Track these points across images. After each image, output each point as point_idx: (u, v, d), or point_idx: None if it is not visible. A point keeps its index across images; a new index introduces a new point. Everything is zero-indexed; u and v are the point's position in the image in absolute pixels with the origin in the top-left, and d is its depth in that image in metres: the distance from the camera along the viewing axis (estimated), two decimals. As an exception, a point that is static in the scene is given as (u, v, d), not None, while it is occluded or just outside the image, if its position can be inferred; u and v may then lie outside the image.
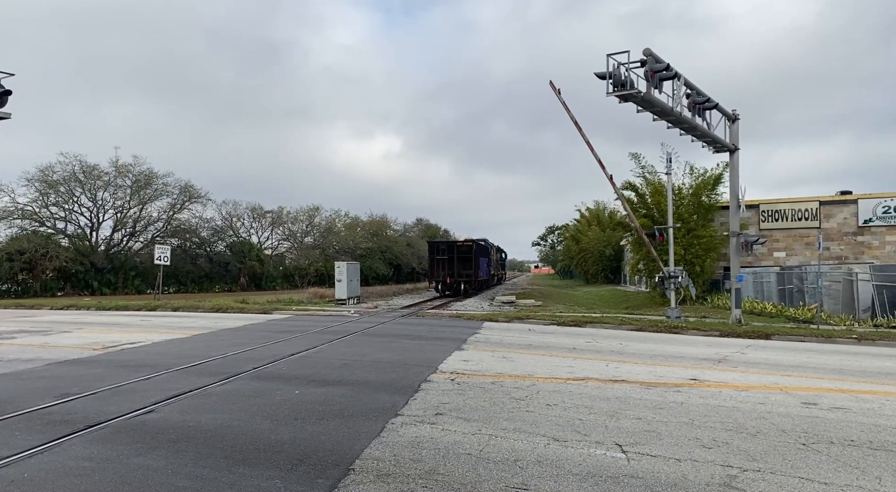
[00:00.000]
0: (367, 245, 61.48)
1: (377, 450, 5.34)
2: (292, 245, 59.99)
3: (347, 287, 29.14)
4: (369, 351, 11.80)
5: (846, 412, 7.00)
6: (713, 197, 27.54)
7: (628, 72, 14.31)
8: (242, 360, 10.57)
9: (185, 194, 46.12)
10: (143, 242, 45.15)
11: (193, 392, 7.78)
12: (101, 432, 5.90)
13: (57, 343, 13.14)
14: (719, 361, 11.01)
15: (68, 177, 40.72)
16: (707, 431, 6.10)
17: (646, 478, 4.71)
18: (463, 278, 36.19)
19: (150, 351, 11.88)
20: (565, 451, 5.39)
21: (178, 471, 4.78)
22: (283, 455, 5.17)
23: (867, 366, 10.74)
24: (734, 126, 18.46)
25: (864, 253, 26.88)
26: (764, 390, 8.25)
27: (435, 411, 6.82)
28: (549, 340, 14.26)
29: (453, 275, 35.73)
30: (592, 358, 11.22)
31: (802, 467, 5.02)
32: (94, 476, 4.67)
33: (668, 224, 20.00)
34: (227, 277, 48.97)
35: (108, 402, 7.20)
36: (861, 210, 27.23)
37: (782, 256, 28.27)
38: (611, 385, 8.51)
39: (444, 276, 35.75)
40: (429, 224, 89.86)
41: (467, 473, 4.79)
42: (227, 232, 52.22)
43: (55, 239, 39.87)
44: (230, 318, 20.54)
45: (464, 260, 35.99)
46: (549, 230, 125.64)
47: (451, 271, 35.65)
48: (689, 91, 16.42)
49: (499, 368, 9.90)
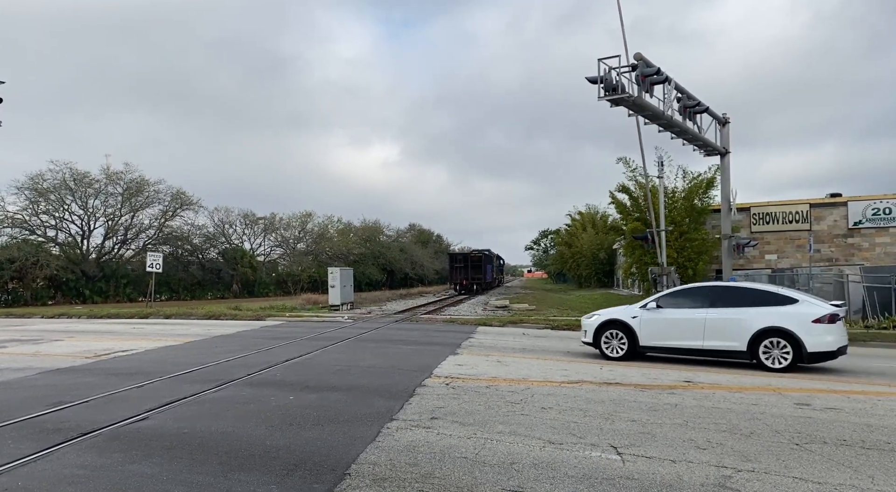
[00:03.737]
0: (360, 251, 61.37)
1: (373, 454, 5.33)
2: (285, 251, 59.79)
3: (341, 293, 29.09)
4: (364, 356, 11.78)
5: (839, 412, 7.05)
6: (705, 200, 27.69)
7: (619, 76, 14.43)
8: (236, 366, 10.53)
9: (176, 201, 45.88)
10: (135, 249, 44.87)
11: (188, 399, 7.74)
12: (94, 440, 5.86)
13: (49, 352, 13.04)
14: (712, 364, 11.06)
15: (59, 185, 40.43)
16: (701, 432, 6.13)
17: (641, 479, 4.73)
18: (475, 281, 49.33)
19: (143, 359, 11.81)
20: (561, 453, 5.40)
21: (174, 478, 4.76)
22: (278, 461, 5.16)
23: (859, 367, 10.81)
24: (725, 129, 18.62)
25: (855, 255, 27.09)
26: (757, 392, 8.30)
27: (430, 415, 6.82)
28: (544, 343, 14.29)
29: (468, 278, 48.88)
30: (586, 361, 11.25)
31: (796, 466, 5.06)
32: (88, 484, 4.64)
33: (661, 227, 20.12)
34: (220, 285, 48.73)
35: (101, 410, 7.15)
36: (851, 212, 27.46)
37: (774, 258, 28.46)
38: (605, 388, 8.54)
39: (461, 279, 48.91)
40: (421, 229, 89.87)
41: (463, 476, 4.79)
42: (219, 239, 51.95)
43: (46, 247, 39.59)
44: (223, 325, 20.45)
45: (475, 267, 49.27)
46: (543, 234, 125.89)
47: (466, 276, 48.84)
48: (679, 95, 16.56)
49: (493, 372, 9.91)
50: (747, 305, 10.63)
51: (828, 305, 10.25)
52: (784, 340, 10.06)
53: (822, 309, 10.12)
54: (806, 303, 10.34)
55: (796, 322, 10.04)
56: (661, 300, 11.53)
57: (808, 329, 9.94)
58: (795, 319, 10.07)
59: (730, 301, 10.85)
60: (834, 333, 9.98)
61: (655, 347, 11.32)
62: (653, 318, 11.30)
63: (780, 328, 10.10)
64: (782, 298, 10.50)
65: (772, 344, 10.17)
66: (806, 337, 9.90)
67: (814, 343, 9.88)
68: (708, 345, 10.72)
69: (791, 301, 10.39)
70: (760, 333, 10.21)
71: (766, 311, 10.36)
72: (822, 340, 9.91)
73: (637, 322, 11.40)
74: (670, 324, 11.14)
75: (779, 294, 10.66)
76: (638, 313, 11.48)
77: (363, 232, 66.66)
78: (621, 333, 11.51)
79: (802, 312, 10.14)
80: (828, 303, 10.46)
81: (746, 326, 10.34)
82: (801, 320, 10.04)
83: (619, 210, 30.90)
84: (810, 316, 10.04)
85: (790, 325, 10.04)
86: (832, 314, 10.02)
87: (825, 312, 10.02)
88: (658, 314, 11.29)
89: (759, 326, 10.23)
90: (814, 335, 9.89)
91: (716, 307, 10.82)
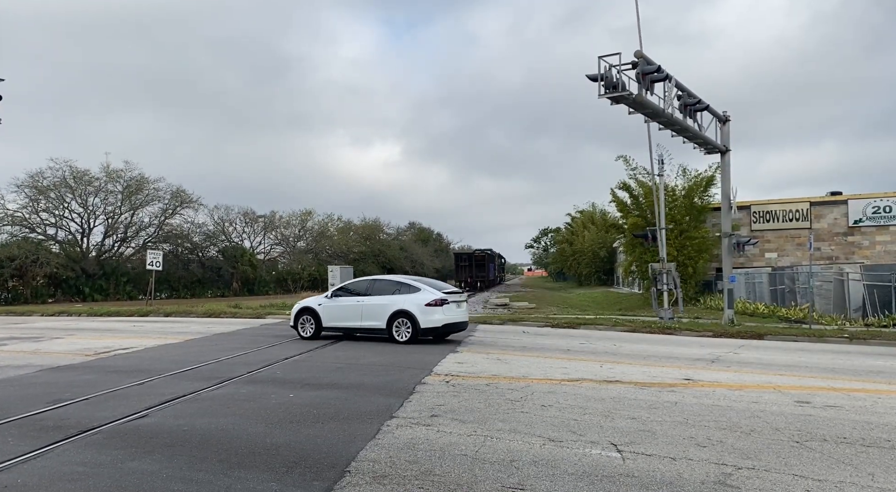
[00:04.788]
0: (360, 249, 61.38)
1: (373, 452, 5.33)
2: (285, 249, 59.77)
3: (341, 291, 29.06)
4: (363, 354, 11.78)
5: (839, 410, 7.05)
6: (705, 198, 27.71)
7: (620, 74, 14.39)
8: (236, 364, 10.53)
9: (176, 199, 45.83)
10: (135, 247, 44.83)
11: (187, 397, 7.74)
12: (94, 437, 5.85)
13: (48, 349, 13.04)
14: (713, 362, 11.07)
15: (59, 182, 40.41)
16: (701, 430, 6.13)
17: (641, 477, 4.72)
18: (479, 279, 54.00)
19: (143, 356, 11.81)
20: (561, 451, 5.40)
21: (174, 475, 4.76)
22: (278, 458, 5.16)
23: (859, 365, 10.82)
24: (725, 127, 18.59)
25: (855, 253, 27.10)
26: (757, 389, 8.30)
27: (430, 412, 6.81)
28: (544, 341, 14.29)
29: (472, 276, 53.23)
30: (587, 359, 11.25)
31: (796, 464, 5.05)
32: (88, 481, 4.64)
33: (661, 225, 20.10)
34: (220, 283, 48.70)
35: (101, 407, 7.15)
36: (851, 211, 27.46)
37: (774, 256, 28.46)
38: (605, 386, 8.53)
39: (466, 277, 52.79)
40: (421, 228, 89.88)
41: (463, 473, 4.79)
42: (219, 237, 51.90)
43: (46, 245, 39.54)
44: (223, 323, 20.44)
45: (479, 266, 53.88)
46: (543, 232, 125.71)
47: (471, 273, 53.18)
48: (679, 93, 16.52)
49: (493, 369, 9.91)
50: (389, 294, 13.85)
51: (440, 293, 13.48)
52: (407, 319, 13.32)
53: (433, 295, 13.38)
54: (426, 291, 13.55)
55: (415, 306, 13.32)
56: (336, 292, 14.63)
57: (422, 310, 13.24)
58: (415, 304, 13.35)
59: (378, 291, 14.06)
60: (441, 314, 13.26)
61: (333, 327, 14.30)
62: (330, 305, 14.30)
63: (404, 310, 13.38)
64: (411, 288, 13.80)
65: (400, 323, 13.39)
66: (420, 316, 13.20)
67: (425, 321, 13.19)
68: (364, 324, 13.91)
69: (416, 290, 13.67)
70: (394, 314, 13.44)
71: (398, 298, 13.64)
72: (431, 319, 13.21)
73: (321, 309, 14.32)
74: (341, 309, 14.20)
75: (409, 284, 14.00)
76: (322, 302, 14.46)
77: (363, 230, 66.66)
78: (311, 318, 14.37)
79: (420, 298, 13.38)
80: (442, 291, 13.68)
81: (386, 310, 13.56)
82: (418, 304, 13.31)
83: (619, 208, 30.91)
84: (425, 300, 13.30)
85: (411, 308, 13.32)
86: (440, 299, 13.30)
87: (435, 298, 13.31)
88: (333, 302, 14.35)
89: (393, 309, 13.50)
90: (426, 315, 13.20)
91: (369, 296, 14.00)
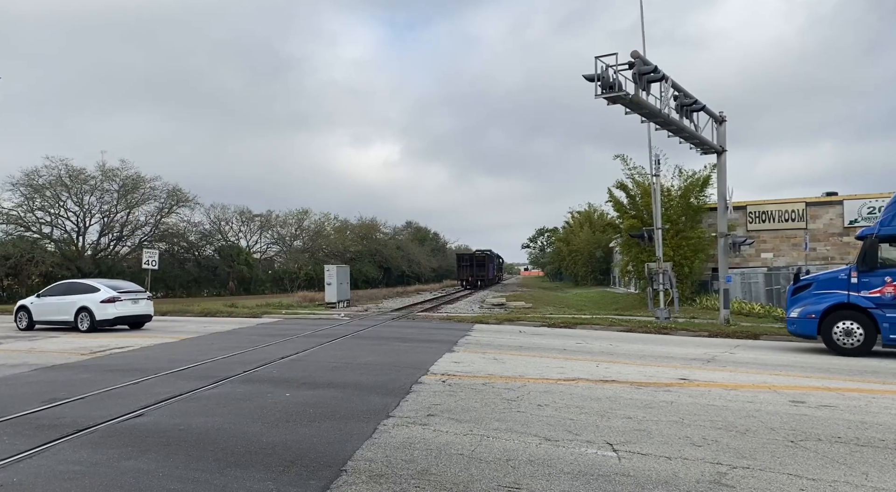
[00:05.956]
0: (356, 248, 61.34)
1: (369, 451, 5.33)
2: (281, 249, 59.72)
3: (337, 290, 29.09)
4: (360, 354, 11.78)
5: (833, 410, 7.08)
6: (701, 198, 27.74)
7: (616, 74, 14.40)
8: (232, 363, 10.52)
9: (172, 198, 45.73)
10: (131, 246, 44.74)
11: (183, 396, 7.73)
12: (90, 436, 5.84)
13: (43, 348, 13.01)
14: (708, 361, 11.10)
15: (54, 181, 40.28)
16: (697, 429, 6.14)
17: (637, 476, 4.74)
18: (479, 278, 58.29)
19: (139, 355, 11.79)
20: (557, 450, 5.41)
21: (170, 474, 4.75)
22: (274, 457, 5.16)
23: (853, 365, 10.87)
24: (721, 128, 18.63)
25: (851, 253, 27.17)
26: (753, 389, 8.33)
27: (426, 412, 6.82)
28: (540, 341, 14.31)
29: (473, 275, 57.41)
30: (583, 359, 11.27)
31: (791, 463, 5.07)
32: (83, 480, 4.63)
33: (657, 225, 20.14)
34: (216, 282, 48.66)
35: (96, 406, 7.14)
36: (847, 211, 27.57)
37: (770, 256, 28.55)
38: (601, 385, 8.55)
39: (467, 276, 57.39)
40: (419, 227, 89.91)
41: (459, 473, 4.80)
42: (215, 236, 51.84)
43: (41, 244, 39.43)
44: (219, 322, 20.43)
45: (479, 266, 58.20)
46: (539, 232, 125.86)
47: (472, 273, 57.46)
48: (676, 93, 16.55)
49: (490, 369, 9.92)
50: (79, 293, 17.23)
51: (114, 293, 17.10)
52: (87, 313, 16.74)
53: (108, 294, 16.97)
54: (104, 291, 17.05)
55: (93, 302, 16.79)
56: (42, 293, 18.20)
57: (98, 306, 16.72)
58: (93, 301, 16.82)
59: (71, 292, 17.44)
60: (114, 308, 16.88)
61: (42, 321, 17.74)
62: (39, 303, 17.85)
63: (85, 307, 16.80)
64: (94, 289, 17.26)
65: (83, 317, 16.86)
66: (97, 311, 16.71)
67: (101, 314, 16.72)
68: (59, 318, 17.30)
69: (96, 290, 17.14)
70: (79, 310, 16.89)
71: (83, 297, 17.02)
72: (105, 312, 16.78)
73: (32, 307, 17.84)
74: (45, 306, 17.69)
75: (91, 286, 17.51)
76: (34, 301, 17.98)
77: (360, 230, 66.61)
78: (25, 314, 17.91)
79: (99, 296, 16.88)
80: (118, 291, 17.30)
81: (73, 306, 16.98)
82: (95, 301, 16.81)
83: (616, 208, 30.93)
84: (101, 298, 16.84)
85: (90, 304, 16.78)
86: (112, 297, 16.93)
87: (108, 296, 16.91)
88: (41, 301, 17.87)
89: (78, 305, 16.91)
90: (101, 309, 16.75)
91: (64, 296, 17.37)
